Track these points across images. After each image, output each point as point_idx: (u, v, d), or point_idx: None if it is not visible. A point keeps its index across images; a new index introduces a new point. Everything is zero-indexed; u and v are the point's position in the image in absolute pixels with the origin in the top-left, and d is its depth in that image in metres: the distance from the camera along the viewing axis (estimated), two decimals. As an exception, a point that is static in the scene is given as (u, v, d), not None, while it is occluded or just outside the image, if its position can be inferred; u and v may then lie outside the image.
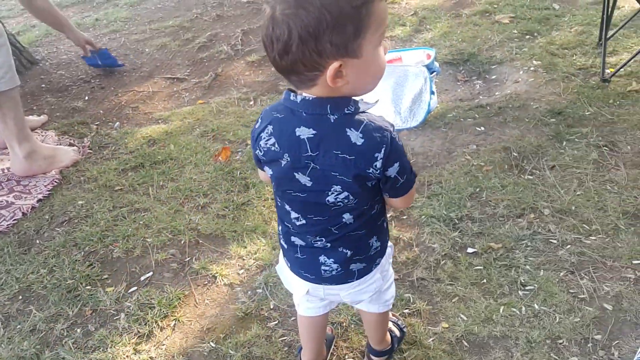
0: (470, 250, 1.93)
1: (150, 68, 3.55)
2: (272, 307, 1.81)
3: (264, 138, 1.07)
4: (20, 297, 1.96)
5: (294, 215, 1.15)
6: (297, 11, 0.88)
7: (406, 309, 1.75)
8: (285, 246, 1.24)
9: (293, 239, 1.20)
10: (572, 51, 3.01)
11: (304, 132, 1.01)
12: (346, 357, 1.66)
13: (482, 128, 2.54)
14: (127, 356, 1.71)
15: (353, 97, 1.01)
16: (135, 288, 1.95)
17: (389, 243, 1.31)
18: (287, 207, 1.15)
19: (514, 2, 3.63)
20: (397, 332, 1.67)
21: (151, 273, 2.00)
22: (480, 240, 1.96)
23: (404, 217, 2.10)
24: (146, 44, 3.87)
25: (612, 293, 1.72)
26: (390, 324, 1.66)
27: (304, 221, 1.14)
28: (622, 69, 2.75)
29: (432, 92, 2.60)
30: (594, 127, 2.43)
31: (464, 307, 1.73)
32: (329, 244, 1.16)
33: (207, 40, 3.78)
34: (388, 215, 1.42)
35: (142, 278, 1.99)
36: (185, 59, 3.61)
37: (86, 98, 3.29)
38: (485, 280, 1.81)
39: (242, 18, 4.07)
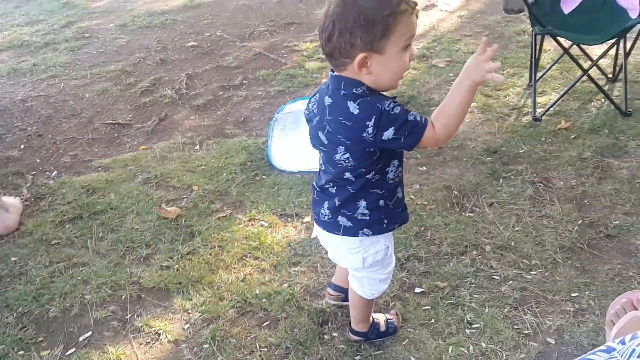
0: (417, 290, 1.95)
1: (91, 114, 3.47)
2: (219, 361, 1.76)
3: (312, 102, 1.41)
4: (-56, 367, 1.82)
5: (320, 162, 1.47)
6: (342, 10, 1.20)
7: (357, 355, 1.74)
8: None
9: (315, 181, 1.51)
10: (505, 92, 3.17)
11: (327, 101, 1.32)
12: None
13: (424, 168, 2.61)
14: None
15: (368, 85, 1.27)
16: (73, 350, 1.84)
17: (387, 242, 1.50)
18: (319, 155, 1.47)
19: (449, 47, 3.81)
20: (382, 326, 1.74)
21: (90, 332, 1.90)
22: (427, 280, 1.98)
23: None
24: (86, 89, 3.79)
25: (554, 327, 1.77)
26: (378, 315, 1.78)
27: (323, 168, 1.45)
28: (551, 108, 2.91)
29: (375, 134, 2.66)
30: (528, 164, 2.55)
31: (414, 349, 1.73)
32: (334, 190, 1.43)
33: (150, 85, 3.74)
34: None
35: (81, 339, 1.88)
36: (128, 103, 3.55)
37: (22, 147, 3.16)
38: (433, 320, 1.83)
39: (186, 62, 4.07)
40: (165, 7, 5.26)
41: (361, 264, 1.49)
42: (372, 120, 1.24)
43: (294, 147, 2.79)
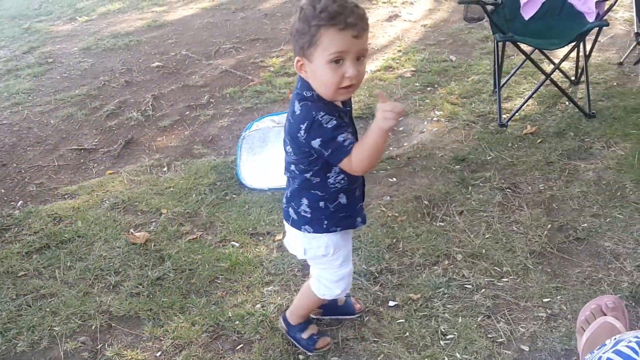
0: (391, 303, 1.94)
1: (56, 140, 3.40)
2: (192, 389, 1.72)
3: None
4: None
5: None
6: (293, 17, 1.34)
7: (332, 374, 1.72)
8: None
9: None
10: (471, 100, 3.21)
11: (292, 95, 1.44)
12: None
13: (394, 179, 2.62)
14: None
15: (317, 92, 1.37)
16: (40, 386, 1.78)
17: (330, 242, 1.55)
18: None
19: (414, 56, 3.85)
20: (306, 334, 1.78)
21: (59, 366, 1.85)
22: (401, 292, 1.98)
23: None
24: (51, 115, 3.71)
25: (527, 334, 1.77)
26: (313, 327, 1.80)
27: (284, 156, 1.53)
28: (516, 114, 2.95)
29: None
30: (496, 170, 2.57)
31: (390, 364, 1.72)
32: (289, 181, 1.54)
33: (115, 108, 3.69)
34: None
35: (49, 373, 1.83)
36: (93, 128, 3.49)
37: (-15, 178, 3.08)
38: (408, 334, 1.82)
39: (152, 83, 4.03)
40: (129, 29, 5.22)
41: (303, 253, 1.61)
42: (305, 124, 1.35)
43: (263, 165, 2.78)
